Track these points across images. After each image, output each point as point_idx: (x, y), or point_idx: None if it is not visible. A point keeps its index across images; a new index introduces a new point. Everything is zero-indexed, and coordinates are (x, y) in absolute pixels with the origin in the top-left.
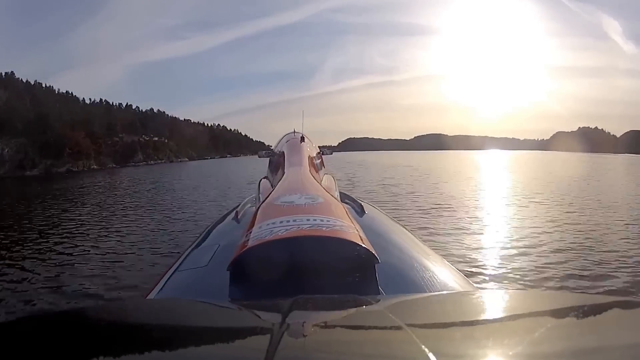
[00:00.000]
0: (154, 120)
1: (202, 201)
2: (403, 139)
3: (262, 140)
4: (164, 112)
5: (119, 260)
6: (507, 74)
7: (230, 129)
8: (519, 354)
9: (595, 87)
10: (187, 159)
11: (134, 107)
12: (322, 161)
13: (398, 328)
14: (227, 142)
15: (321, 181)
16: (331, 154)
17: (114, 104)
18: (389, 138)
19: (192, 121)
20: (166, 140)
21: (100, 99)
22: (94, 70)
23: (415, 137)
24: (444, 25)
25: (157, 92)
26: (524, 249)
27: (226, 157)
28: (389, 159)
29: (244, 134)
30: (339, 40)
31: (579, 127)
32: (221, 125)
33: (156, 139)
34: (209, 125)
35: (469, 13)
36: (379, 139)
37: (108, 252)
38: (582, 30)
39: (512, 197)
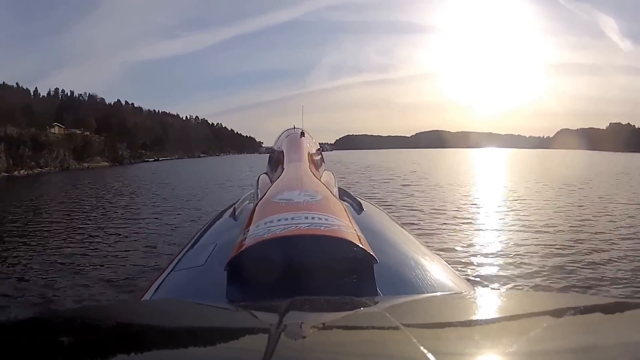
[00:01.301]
0: (81, 108)
1: None
2: (403, 135)
3: (252, 136)
4: (96, 95)
5: None
6: (506, 72)
7: (213, 124)
8: (516, 354)
9: (593, 85)
10: (106, 163)
11: (50, 91)
12: (322, 157)
13: (396, 329)
14: (199, 140)
15: (321, 177)
16: (331, 150)
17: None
18: (389, 135)
19: (158, 112)
20: (87, 134)
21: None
22: (88, 69)
23: (415, 134)
24: (440, 23)
25: (154, 90)
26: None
27: (199, 157)
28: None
29: (230, 129)
30: (336, 38)
31: (610, 123)
32: (200, 118)
33: (78, 131)
34: (186, 118)
35: (465, 12)
36: (379, 135)
37: None
38: (579, 28)
39: None
